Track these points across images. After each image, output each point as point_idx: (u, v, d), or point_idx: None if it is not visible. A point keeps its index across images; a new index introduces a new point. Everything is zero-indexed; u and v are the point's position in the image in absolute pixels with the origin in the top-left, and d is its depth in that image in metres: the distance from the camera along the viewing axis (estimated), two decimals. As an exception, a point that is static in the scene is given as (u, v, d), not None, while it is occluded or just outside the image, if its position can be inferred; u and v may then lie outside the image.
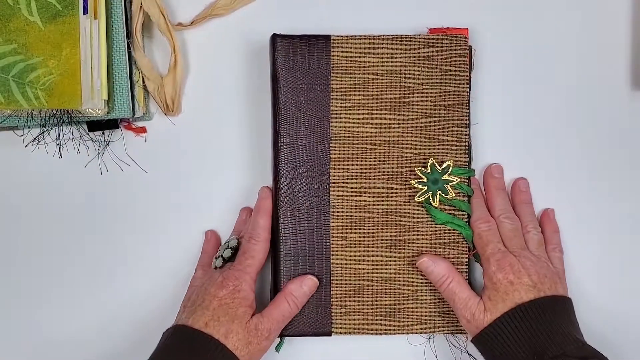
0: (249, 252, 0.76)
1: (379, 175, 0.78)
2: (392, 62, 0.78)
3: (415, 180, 0.77)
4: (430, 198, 0.77)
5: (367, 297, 0.78)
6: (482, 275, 0.76)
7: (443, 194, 0.77)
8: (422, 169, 0.77)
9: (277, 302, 0.76)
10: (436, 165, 0.77)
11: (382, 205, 0.78)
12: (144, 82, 0.80)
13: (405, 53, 0.78)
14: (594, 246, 0.82)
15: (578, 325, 0.74)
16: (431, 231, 0.78)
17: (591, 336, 0.74)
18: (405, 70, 0.78)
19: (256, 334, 0.73)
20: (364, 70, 0.77)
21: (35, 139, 0.80)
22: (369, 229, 0.78)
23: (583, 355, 0.70)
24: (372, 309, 0.78)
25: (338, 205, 0.78)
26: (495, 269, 0.74)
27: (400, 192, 0.78)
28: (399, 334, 0.79)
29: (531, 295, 0.73)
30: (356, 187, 0.78)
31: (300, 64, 0.77)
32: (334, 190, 0.78)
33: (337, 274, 0.78)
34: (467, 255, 0.78)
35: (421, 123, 0.78)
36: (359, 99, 0.78)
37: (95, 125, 0.80)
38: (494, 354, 0.72)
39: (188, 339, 0.72)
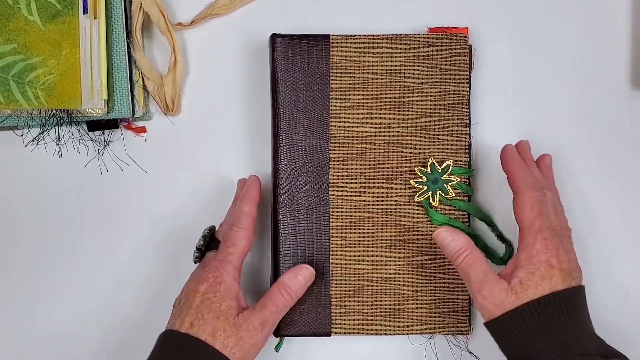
0: (230, 239, 0.72)
1: (378, 175, 0.78)
2: (391, 61, 0.78)
3: (415, 180, 0.77)
4: (430, 198, 0.77)
5: (367, 297, 0.78)
6: (519, 250, 0.69)
7: (443, 194, 0.77)
8: (422, 168, 0.77)
9: (269, 293, 0.73)
10: (436, 164, 0.77)
11: (382, 205, 0.78)
12: (143, 82, 0.80)
13: (405, 52, 0.78)
14: (594, 245, 0.82)
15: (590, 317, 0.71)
16: (431, 231, 0.78)
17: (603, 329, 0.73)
18: (404, 69, 0.78)
19: (247, 327, 0.70)
20: (363, 69, 0.77)
21: (35, 138, 0.80)
22: (368, 229, 0.78)
23: (605, 354, 0.66)
24: (371, 309, 0.78)
25: (337, 205, 0.78)
26: (541, 249, 0.67)
27: (400, 192, 0.78)
28: (398, 334, 0.78)
29: (566, 283, 0.67)
30: (356, 187, 0.78)
31: (299, 63, 0.77)
32: (333, 190, 0.78)
33: (336, 274, 0.78)
34: (467, 255, 0.78)
35: (421, 123, 0.78)
36: (359, 99, 0.78)
37: (95, 125, 0.80)
38: (510, 340, 0.67)
39: (175, 345, 0.69)
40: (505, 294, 0.67)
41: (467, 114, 0.78)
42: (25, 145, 0.80)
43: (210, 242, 0.75)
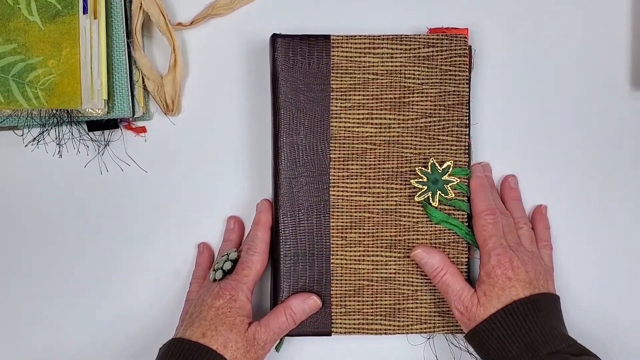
0: (245, 262, 0.76)
1: (378, 175, 0.78)
2: (392, 62, 0.78)
3: (415, 180, 0.77)
4: (430, 198, 0.77)
5: (367, 297, 0.78)
6: (479, 268, 0.75)
7: (443, 194, 0.77)
8: (423, 168, 0.77)
9: (275, 313, 0.76)
10: (437, 165, 0.77)
11: (382, 205, 0.78)
12: (143, 82, 0.80)
13: (405, 53, 0.78)
14: (592, 246, 0.82)
15: (564, 322, 0.75)
16: (431, 231, 0.78)
17: (578, 334, 0.74)
18: (405, 70, 0.78)
19: (254, 343, 0.73)
20: (364, 70, 0.77)
21: (35, 138, 0.80)
22: (368, 229, 0.78)
23: (575, 353, 0.70)
24: (372, 308, 0.78)
25: (338, 205, 0.78)
26: (495, 264, 0.74)
27: (400, 192, 0.78)
28: (398, 333, 0.79)
29: (527, 292, 0.73)
30: (356, 187, 0.78)
31: (300, 63, 0.77)
32: (333, 190, 0.78)
33: (337, 273, 0.78)
34: (466, 255, 0.78)
35: (421, 123, 0.78)
36: (359, 99, 0.78)
37: (95, 125, 0.80)
38: (487, 349, 0.72)
39: (185, 352, 0.71)
40: (476, 308, 0.73)
41: (467, 114, 0.78)
42: (25, 145, 0.80)
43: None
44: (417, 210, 0.78)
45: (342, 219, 0.78)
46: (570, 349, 0.71)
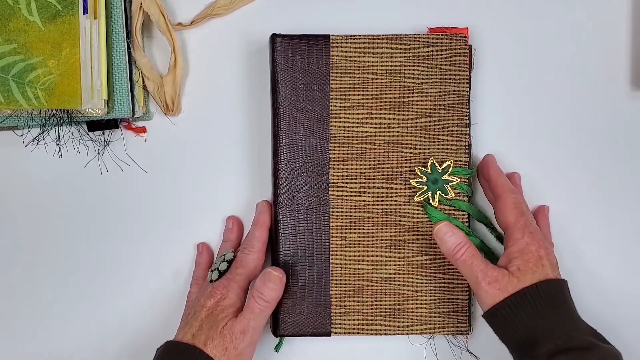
0: (240, 262, 0.76)
1: (378, 175, 0.78)
2: (391, 61, 0.78)
3: (415, 180, 0.77)
4: (430, 198, 0.77)
5: (367, 298, 0.78)
6: (508, 246, 0.73)
7: (443, 194, 0.77)
8: (422, 168, 0.77)
9: (246, 302, 0.75)
10: (436, 165, 0.77)
11: (382, 205, 0.78)
12: (143, 82, 0.80)
13: (405, 53, 0.78)
14: (590, 246, 0.82)
15: None
16: (431, 231, 0.78)
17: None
18: (404, 69, 0.78)
19: (230, 338, 0.72)
20: (363, 69, 0.77)
21: (35, 138, 0.80)
22: (368, 229, 0.78)
23: (603, 340, 0.70)
24: (371, 309, 0.78)
25: (337, 205, 0.78)
26: (530, 240, 0.72)
27: (400, 192, 0.78)
28: (398, 334, 0.78)
29: (554, 274, 0.72)
30: (356, 187, 0.78)
31: (299, 63, 0.77)
32: (333, 190, 0.78)
33: (336, 274, 0.78)
34: (467, 255, 0.78)
35: (421, 123, 0.78)
36: (359, 99, 0.78)
37: (95, 125, 0.80)
38: (514, 324, 0.70)
39: (175, 354, 0.72)
40: (508, 278, 0.71)
41: (467, 114, 0.78)
42: (25, 145, 0.80)
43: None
44: (417, 210, 0.78)
45: (341, 219, 0.78)
46: (594, 335, 0.70)
